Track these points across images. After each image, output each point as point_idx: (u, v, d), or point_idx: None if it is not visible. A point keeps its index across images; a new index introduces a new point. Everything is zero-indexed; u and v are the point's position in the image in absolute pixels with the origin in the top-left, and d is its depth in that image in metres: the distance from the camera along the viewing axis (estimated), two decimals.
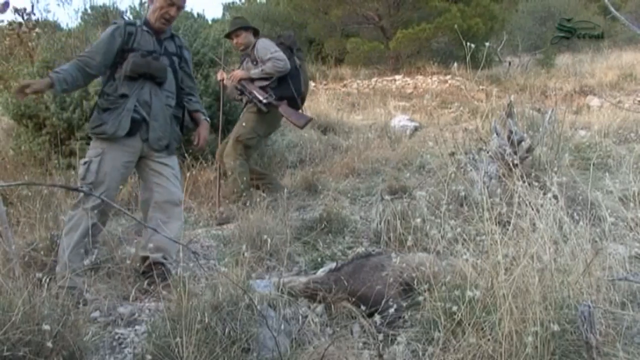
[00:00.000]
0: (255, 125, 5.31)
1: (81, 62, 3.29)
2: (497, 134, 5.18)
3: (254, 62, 5.31)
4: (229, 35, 5.60)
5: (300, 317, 2.86)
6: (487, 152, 5.02)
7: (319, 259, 3.98)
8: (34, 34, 8.56)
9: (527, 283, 2.32)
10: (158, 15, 3.45)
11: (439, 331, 2.36)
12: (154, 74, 3.44)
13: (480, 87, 15.40)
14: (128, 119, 3.35)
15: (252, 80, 5.26)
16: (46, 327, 2.13)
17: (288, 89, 5.29)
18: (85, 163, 3.32)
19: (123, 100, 3.35)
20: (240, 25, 5.48)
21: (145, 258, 3.37)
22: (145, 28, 3.48)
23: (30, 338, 2.24)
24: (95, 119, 3.35)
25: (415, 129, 10.25)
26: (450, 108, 13.16)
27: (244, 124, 5.27)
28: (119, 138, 3.33)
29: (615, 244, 3.27)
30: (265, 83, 5.20)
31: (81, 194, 3.28)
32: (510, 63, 18.68)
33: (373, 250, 3.98)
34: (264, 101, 5.14)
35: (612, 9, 2.52)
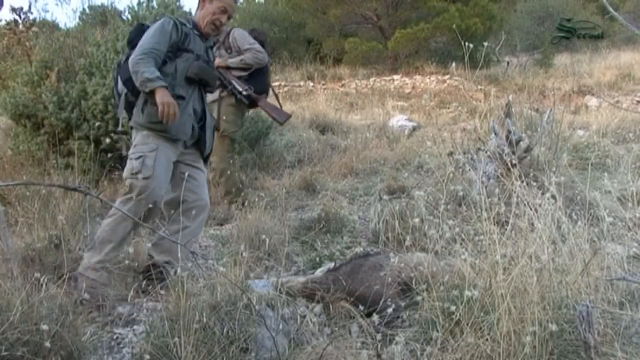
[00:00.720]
0: (235, 117, 5.13)
1: (154, 60, 3.13)
2: (495, 134, 5.18)
3: (228, 51, 5.10)
4: None
5: (298, 317, 2.86)
6: (486, 152, 5.02)
7: (317, 259, 3.98)
8: (32, 33, 8.56)
9: (526, 283, 2.32)
10: (209, 20, 3.39)
11: (438, 331, 2.36)
12: (210, 82, 3.44)
13: (479, 87, 15.41)
14: (190, 125, 3.33)
15: (228, 69, 5.04)
16: (44, 327, 2.13)
17: (262, 83, 5.14)
18: (139, 157, 3.18)
19: (181, 102, 3.23)
20: None
21: (150, 258, 3.38)
22: (196, 32, 3.41)
23: (28, 338, 2.24)
24: (155, 114, 3.11)
25: (414, 128, 10.26)
26: (449, 108, 13.16)
27: (224, 118, 5.01)
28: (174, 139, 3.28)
29: (614, 244, 3.27)
30: (243, 74, 5.02)
31: (132, 186, 3.18)
32: (508, 63, 18.69)
33: (371, 250, 3.98)
34: (244, 93, 4.97)
35: (611, 9, 2.52)
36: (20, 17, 8.60)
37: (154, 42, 3.15)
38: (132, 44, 3.28)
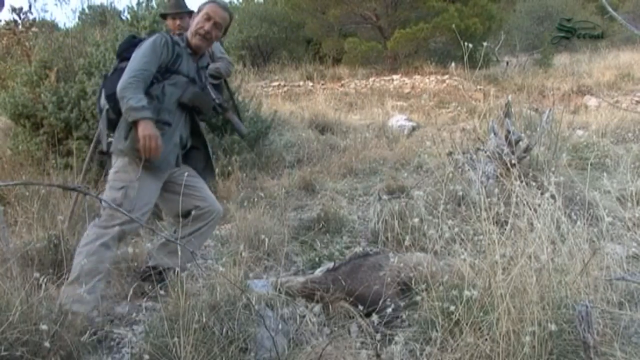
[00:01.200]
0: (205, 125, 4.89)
1: (144, 82, 2.90)
2: (494, 134, 5.18)
3: None
4: (165, 16, 4.90)
5: (297, 317, 2.86)
6: (485, 152, 5.03)
7: (317, 259, 3.98)
8: (31, 33, 8.56)
9: (525, 283, 2.32)
10: (193, 30, 3.15)
11: (437, 331, 2.36)
12: (204, 110, 3.27)
13: (478, 87, 15.42)
14: (175, 155, 3.13)
15: None
16: (44, 327, 2.13)
17: (222, 94, 4.74)
18: (122, 188, 2.93)
19: (167, 129, 2.99)
20: (187, 10, 4.75)
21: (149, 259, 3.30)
22: (189, 51, 3.18)
23: (27, 338, 2.24)
24: (136, 140, 2.85)
25: (413, 128, 10.27)
26: (448, 108, 13.17)
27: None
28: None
29: (613, 244, 3.28)
30: (214, 82, 4.59)
31: (109, 210, 2.91)
32: (508, 63, 18.70)
33: (371, 250, 3.98)
34: (217, 101, 4.58)
35: (610, 9, 2.52)
36: (20, 18, 8.60)
37: (143, 62, 2.93)
38: (121, 57, 3.14)
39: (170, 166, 3.11)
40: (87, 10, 15.33)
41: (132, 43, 3.12)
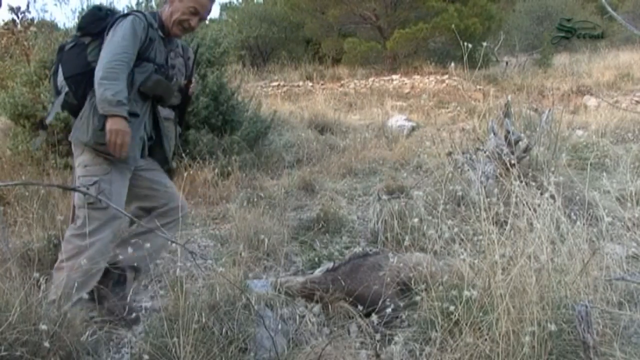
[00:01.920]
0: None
1: (125, 68, 2.64)
2: (494, 134, 5.18)
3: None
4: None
5: (297, 317, 2.86)
6: (485, 152, 5.03)
7: (316, 259, 3.98)
8: (30, 33, 8.55)
9: (525, 283, 2.32)
10: (177, 19, 2.86)
11: (437, 331, 2.36)
12: (165, 97, 2.96)
13: (478, 87, 15.42)
14: (140, 147, 2.89)
15: None
16: (43, 327, 2.13)
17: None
18: (94, 182, 2.69)
19: (134, 121, 2.73)
20: None
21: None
22: (160, 34, 2.87)
23: (27, 338, 2.24)
24: (102, 135, 2.63)
25: (413, 128, 10.26)
26: (448, 108, 13.18)
27: None
28: None
29: (613, 244, 3.28)
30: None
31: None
32: (507, 63, 18.71)
33: (370, 250, 3.97)
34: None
35: (610, 9, 2.53)
36: (18, 17, 8.59)
37: (124, 45, 2.63)
38: (83, 30, 2.78)
39: (136, 161, 2.87)
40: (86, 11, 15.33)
41: (98, 16, 2.78)
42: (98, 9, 2.85)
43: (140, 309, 3.03)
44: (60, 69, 2.78)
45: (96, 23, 2.76)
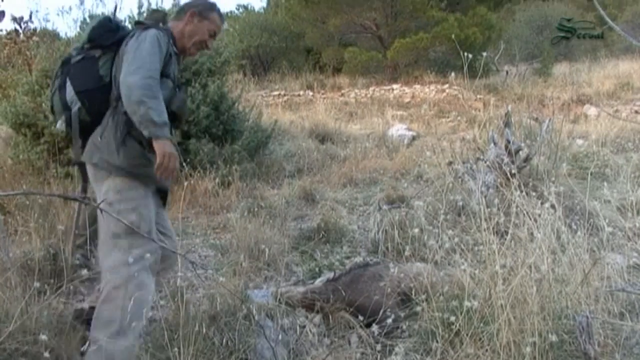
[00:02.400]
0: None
1: (158, 82, 2.42)
2: (494, 144, 5.19)
3: None
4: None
5: (298, 327, 2.86)
6: (485, 162, 5.03)
7: (317, 269, 3.97)
8: (32, 43, 8.58)
9: (525, 293, 2.32)
10: (198, 40, 2.75)
11: (437, 341, 2.36)
12: (182, 119, 2.76)
13: (478, 96, 15.43)
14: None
15: None
16: (43, 337, 2.12)
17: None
18: (134, 209, 2.46)
19: None
20: None
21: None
22: (175, 50, 2.67)
23: (27, 348, 2.23)
24: (139, 155, 2.47)
25: (413, 138, 10.27)
26: (448, 117, 13.19)
27: None
28: None
29: (614, 254, 3.28)
30: None
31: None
32: (507, 72, 18.72)
33: (371, 260, 3.97)
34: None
35: (608, 20, 2.54)
36: (21, 27, 8.62)
37: (154, 60, 2.44)
38: (93, 42, 2.57)
39: (168, 184, 2.71)
40: (88, 20, 15.39)
41: (110, 28, 2.61)
42: (108, 19, 2.70)
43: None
44: (68, 83, 2.55)
45: (108, 35, 2.58)
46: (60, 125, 2.62)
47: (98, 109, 2.53)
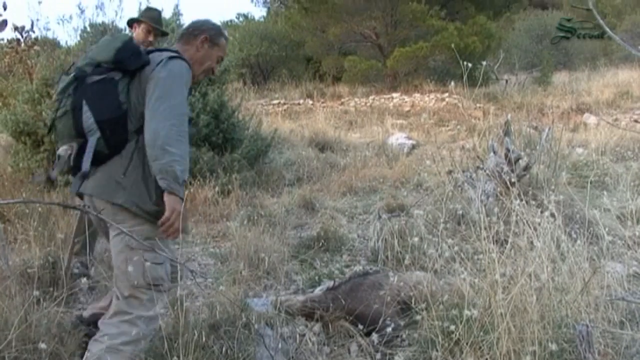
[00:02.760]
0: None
1: (186, 122, 2.29)
2: (494, 152, 5.19)
3: None
4: (138, 22, 4.23)
5: (297, 336, 2.85)
6: (485, 171, 5.03)
7: (317, 278, 3.97)
8: (33, 52, 8.60)
9: (525, 302, 2.31)
10: (208, 67, 2.63)
11: (437, 350, 2.35)
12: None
13: (478, 105, 15.45)
14: None
15: None
16: (43, 345, 2.12)
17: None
18: (162, 265, 2.33)
19: None
20: (161, 30, 4.29)
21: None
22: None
23: (26, 357, 2.23)
24: (153, 195, 2.28)
25: (413, 147, 10.28)
26: (448, 126, 13.22)
27: None
28: None
29: (614, 263, 3.27)
30: None
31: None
32: (507, 81, 18.76)
33: (370, 269, 3.97)
34: None
35: (607, 30, 2.54)
36: (22, 36, 8.64)
37: (185, 100, 2.31)
38: (120, 65, 2.32)
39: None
40: (88, 29, 15.42)
41: (136, 51, 2.37)
42: (131, 39, 2.51)
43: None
44: (86, 108, 2.26)
45: (135, 59, 2.34)
46: (63, 151, 2.33)
47: (116, 142, 2.29)
